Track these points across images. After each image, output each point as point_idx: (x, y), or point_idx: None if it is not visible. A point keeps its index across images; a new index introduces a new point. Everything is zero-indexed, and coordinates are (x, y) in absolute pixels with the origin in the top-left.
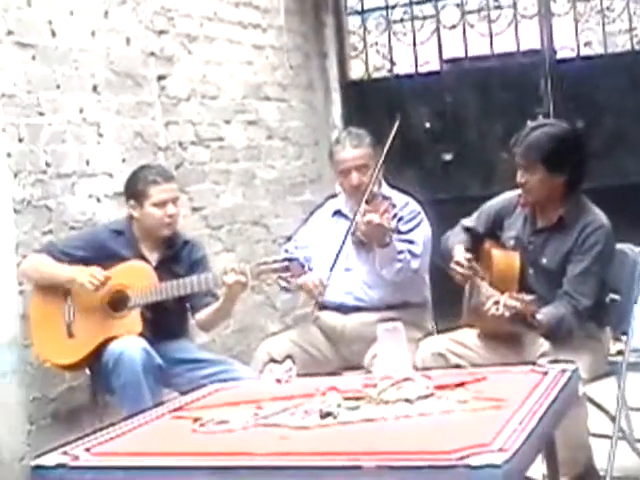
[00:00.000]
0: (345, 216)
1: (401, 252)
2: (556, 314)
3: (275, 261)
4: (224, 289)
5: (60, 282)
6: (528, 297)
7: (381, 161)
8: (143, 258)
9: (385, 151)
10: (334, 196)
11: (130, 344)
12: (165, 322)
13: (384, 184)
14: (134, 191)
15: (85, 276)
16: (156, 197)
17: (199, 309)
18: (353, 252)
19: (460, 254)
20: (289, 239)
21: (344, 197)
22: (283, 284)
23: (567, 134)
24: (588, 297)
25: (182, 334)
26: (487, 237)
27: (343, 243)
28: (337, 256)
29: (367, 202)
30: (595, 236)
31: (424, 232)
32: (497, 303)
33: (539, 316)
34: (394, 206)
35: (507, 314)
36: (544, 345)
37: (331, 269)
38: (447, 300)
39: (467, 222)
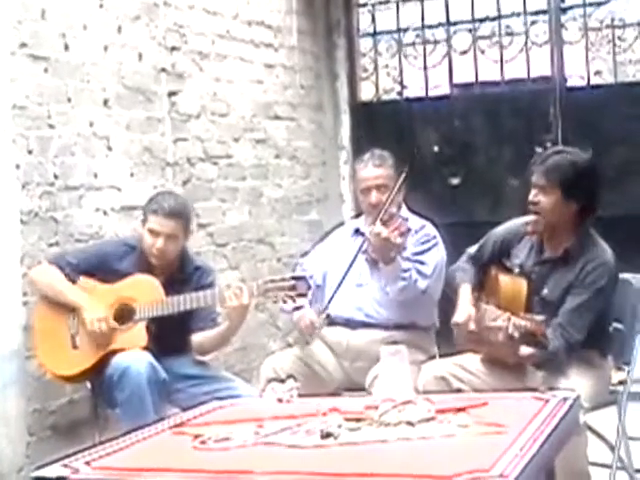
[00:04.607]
0: (363, 234)
1: (406, 270)
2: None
3: (282, 279)
4: (226, 311)
5: (65, 302)
6: (538, 317)
7: (399, 183)
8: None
9: (403, 177)
10: (357, 216)
11: (136, 358)
12: (169, 337)
13: (404, 207)
14: (143, 209)
15: (91, 314)
16: (151, 224)
17: (196, 331)
18: (366, 269)
19: (463, 312)
20: (301, 256)
21: (364, 216)
22: (290, 302)
23: (587, 163)
24: (581, 331)
25: (185, 350)
26: (493, 264)
27: (354, 259)
28: (346, 272)
29: (384, 222)
30: (597, 272)
31: (437, 255)
32: (508, 320)
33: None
34: (409, 229)
35: (516, 334)
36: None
37: (335, 290)
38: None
39: (473, 250)
